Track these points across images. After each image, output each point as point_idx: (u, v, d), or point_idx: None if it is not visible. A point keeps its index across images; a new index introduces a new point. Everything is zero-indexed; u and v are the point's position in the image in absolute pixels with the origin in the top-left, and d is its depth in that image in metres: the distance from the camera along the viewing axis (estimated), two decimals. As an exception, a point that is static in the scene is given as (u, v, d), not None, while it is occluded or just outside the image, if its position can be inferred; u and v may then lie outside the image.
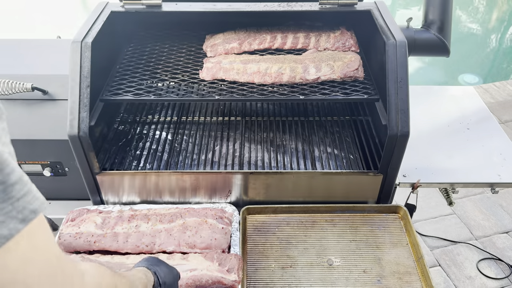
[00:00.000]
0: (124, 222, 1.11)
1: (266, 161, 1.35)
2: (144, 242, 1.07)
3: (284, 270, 1.09)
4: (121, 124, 1.45)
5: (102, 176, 1.20)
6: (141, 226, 1.10)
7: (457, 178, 1.32)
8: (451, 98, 1.71)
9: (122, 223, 1.11)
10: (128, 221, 1.12)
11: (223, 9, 1.27)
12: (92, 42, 1.12)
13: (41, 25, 5.43)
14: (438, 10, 1.44)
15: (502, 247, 2.33)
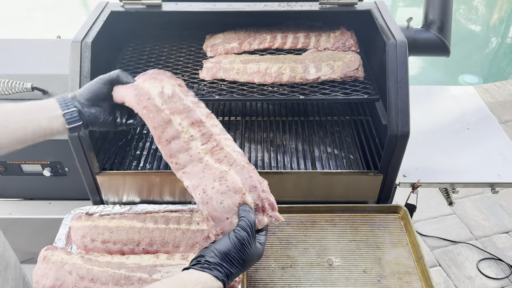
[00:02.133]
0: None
1: (266, 161, 1.35)
2: (179, 159, 0.95)
3: (284, 270, 1.09)
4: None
5: (102, 176, 1.20)
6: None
7: (457, 178, 1.32)
8: (451, 98, 1.71)
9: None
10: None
11: (223, 9, 1.27)
12: (92, 42, 1.12)
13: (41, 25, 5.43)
14: (438, 10, 1.44)
15: (502, 247, 2.33)
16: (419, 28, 1.47)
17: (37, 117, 0.83)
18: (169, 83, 0.92)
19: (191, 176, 0.87)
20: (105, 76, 0.92)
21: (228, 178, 0.84)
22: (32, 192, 1.40)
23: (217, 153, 0.89)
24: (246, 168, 0.86)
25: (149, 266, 1.03)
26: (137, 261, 1.05)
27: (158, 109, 0.88)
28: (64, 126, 0.85)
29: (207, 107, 1.54)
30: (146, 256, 1.07)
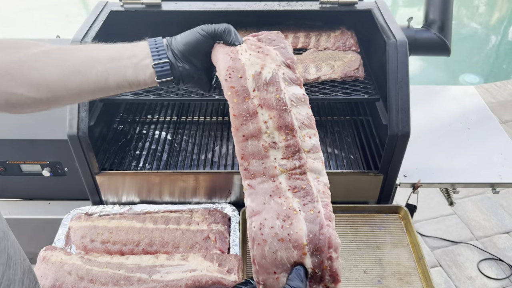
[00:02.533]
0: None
1: (266, 161, 1.34)
2: (250, 165, 0.78)
3: (284, 271, 1.09)
4: (121, 124, 1.45)
5: (102, 176, 1.20)
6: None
7: (458, 178, 1.32)
8: (452, 97, 1.70)
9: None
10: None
11: (222, 9, 1.26)
12: (91, 42, 1.12)
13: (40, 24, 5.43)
14: (439, 10, 1.43)
15: (503, 247, 2.32)
16: (419, 28, 1.47)
17: (123, 66, 0.72)
18: (273, 62, 0.74)
19: (255, 195, 0.70)
20: (209, 28, 0.77)
21: (294, 224, 0.66)
22: (32, 192, 1.40)
23: (295, 178, 0.71)
24: (320, 218, 0.67)
25: (148, 267, 1.03)
26: (136, 262, 1.05)
27: (247, 95, 0.72)
28: (153, 78, 0.74)
29: (207, 107, 1.56)
30: (145, 256, 1.07)
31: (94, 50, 0.73)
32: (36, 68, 0.68)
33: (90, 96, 0.74)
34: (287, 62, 0.75)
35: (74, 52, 0.71)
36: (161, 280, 0.99)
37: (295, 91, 0.74)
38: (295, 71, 0.75)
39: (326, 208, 0.69)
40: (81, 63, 0.70)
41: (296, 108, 0.73)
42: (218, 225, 1.14)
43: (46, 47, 0.71)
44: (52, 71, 0.69)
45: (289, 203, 0.68)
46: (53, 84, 0.69)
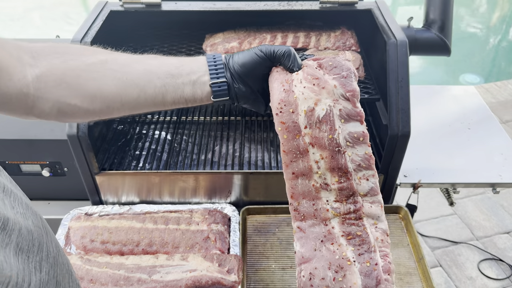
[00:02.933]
0: None
1: (266, 161, 1.35)
2: (301, 207, 0.74)
3: (284, 271, 1.09)
4: (120, 124, 1.45)
5: (101, 176, 1.20)
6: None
7: (458, 178, 1.32)
8: (452, 97, 1.70)
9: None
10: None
11: (222, 8, 1.26)
12: (91, 42, 1.12)
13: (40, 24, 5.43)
14: (439, 10, 1.43)
15: (503, 247, 2.32)
16: (419, 28, 1.46)
17: (181, 83, 0.70)
18: (329, 97, 0.66)
19: (305, 240, 0.65)
20: (267, 49, 0.71)
21: (347, 277, 0.60)
22: (31, 192, 1.40)
23: (350, 224, 0.64)
24: (378, 271, 0.60)
25: (148, 267, 1.03)
26: (136, 262, 1.05)
27: (298, 132, 0.66)
28: (209, 97, 0.71)
29: (207, 107, 1.56)
30: (145, 256, 1.07)
31: (153, 64, 0.70)
32: (93, 79, 0.66)
33: (145, 110, 0.72)
34: (346, 95, 0.66)
35: (132, 65, 0.69)
36: (161, 280, 0.99)
37: (353, 129, 0.66)
38: (355, 104, 0.66)
39: (385, 259, 0.62)
40: (139, 77, 0.68)
41: (352, 148, 0.66)
42: (218, 225, 1.14)
43: (103, 55, 0.69)
44: (109, 82, 0.67)
45: (342, 252, 0.62)
46: (109, 97, 0.67)
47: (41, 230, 0.47)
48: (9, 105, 0.62)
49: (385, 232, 0.65)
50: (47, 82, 0.63)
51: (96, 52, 0.69)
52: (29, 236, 0.43)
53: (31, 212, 0.47)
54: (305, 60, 0.72)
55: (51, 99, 0.64)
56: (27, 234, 0.43)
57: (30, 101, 0.64)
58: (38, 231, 0.46)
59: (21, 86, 0.61)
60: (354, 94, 0.66)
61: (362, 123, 0.66)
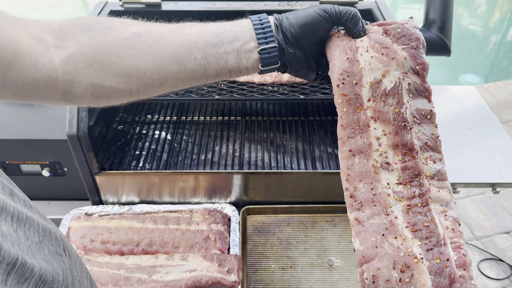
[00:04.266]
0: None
1: (266, 161, 1.35)
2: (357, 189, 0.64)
3: (284, 271, 1.09)
4: (120, 124, 1.45)
5: (101, 176, 1.20)
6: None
7: (458, 178, 1.32)
8: (452, 97, 1.70)
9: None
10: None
11: (222, 8, 1.26)
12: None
13: (41, 24, 5.42)
14: (439, 10, 1.43)
15: (503, 247, 2.32)
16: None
17: (224, 52, 0.62)
18: (398, 69, 0.60)
19: (364, 235, 0.58)
20: (332, 9, 0.63)
21: (415, 277, 0.52)
22: (31, 193, 1.40)
23: (416, 212, 0.57)
24: (450, 267, 0.52)
25: (148, 267, 1.03)
26: (136, 262, 1.05)
27: (360, 105, 0.60)
28: (257, 65, 0.63)
29: (207, 107, 1.56)
30: (145, 256, 1.07)
31: (191, 34, 0.62)
32: (127, 56, 0.59)
33: (185, 86, 0.65)
34: (416, 68, 0.60)
35: (168, 36, 0.61)
36: (161, 280, 0.99)
37: (421, 106, 0.60)
38: (424, 79, 0.61)
39: (459, 252, 0.54)
40: (177, 50, 0.60)
41: (419, 126, 0.60)
42: (218, 225, 1.14)
43: (135, 28, 0.61)
44: (145, 58, 0.59)
45: (407, 247, 0.54)
46: (147, 74, 0.60)
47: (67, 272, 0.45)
48: (38, 92, 0.56)
49: (456, 221, 0.57)
50: (76, 63, 0.57)
51: (127, 25, 0.61)
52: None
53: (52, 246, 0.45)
54: (369, 25, 0.64)
55: (83, 82, 0.58)
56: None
57: (60, 87, 0.57)
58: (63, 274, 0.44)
59: (48, 71, 0.55)
60: (424, 68, 0.61)
61: (430, 100, 0.61)
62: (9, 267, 0.36)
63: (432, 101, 0.61)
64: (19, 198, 0.45)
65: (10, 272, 0.36)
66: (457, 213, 0.58)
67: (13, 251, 0.37)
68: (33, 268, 0.38)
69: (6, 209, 0.40)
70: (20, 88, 0.54)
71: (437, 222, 0.56)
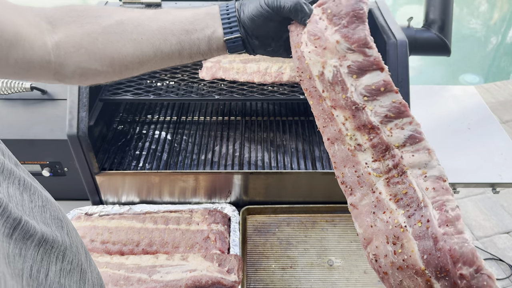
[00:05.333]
0: None
1: (266, 161, 1.35)
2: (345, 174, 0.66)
3: (284, 271, 1.09)
4: (120, 124, 1.45)
5: (101, 176, 1.20)
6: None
7: (458, 178, 1.32)
8: (452, 97, 1.70)
9: None
10: None
11: (223, 9, 1.26)
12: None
13: (41, 25, 5.42)
14: (439, 10, 1.43)
15: (503, 247, 2.32)
16: (419, 28, 1.46)
17: (196, 38, 0.69)
18: (333, 56, 0.60)
19: (360, 218, 0.60)
20: (273, 4, 0.66)
21: (405, 245, 0.53)
22: (32, 192, 1.40)
23: (395, 182, 0.57)
24: (432, 228, 0.52)
25: (148, 267, 1.03)
26: (136, 262, 1.05)
27: (319, 96, 0.63)
28: (225, 50, 0.71)
29: (207, 106, 1.56)
30: (145, 256, 1.07)
31: (167, 20, 0.69)
32: (110, 42, 0.66)
33: (163, 66, 0.73)
34: (353, 47, 0.59)
35: (146, 23, 0.69)
36: (161, 280, 0.99)
37: (369, 81, 0.59)
38: (366, 53, 0.59)
39: (441, 210, 0.53)
40: (154, 35, 0.68)
41: (373, 101, 0.59)
42: (218, 225, 1.14)
43: (119, 15, 0.68)
44: (126, 44, 0.67)
45: (394, 219, 0.55)
46: (127, 58, 0.68)
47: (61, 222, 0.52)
48: (33, 71, 0.64)
49: (440, 178, 0.56)
50: (66, 48, 0.64)
51: (111, 12, 0.69)
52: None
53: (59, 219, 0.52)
54: (312, 7, 0.66)
55: (71, 65, 0.66)
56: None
57: (53, 68, 0.65)
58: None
59: (43, 53, 0.63)
60: (360, 44, 0.58)
61: (382, 70, 0.59)
62: (15, 222, 0.41)
63: (385, 69, 0.59)
64: (23, 169, 0.50)
65: (16, 228, 0.41)
66: (440, 170, 0.57)
67: (16, 212, 0.41)
68: (35, 228, 0.43)
69: (13, 173, 0.46)
70: (20, 67, 0.61)
71: (415, 186, 0.56)
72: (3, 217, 0.40)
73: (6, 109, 1.31)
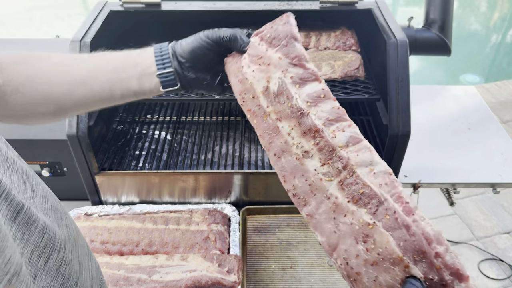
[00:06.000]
0: None
1: (266, 161, 1.34)
2: (296, 184, 0.66)
3: (284, 271, 1.09)
4: (120, 124, 1.45)
5: (101, 176, 1.19)
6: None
7: (459, 178, 1.32)
8: (452, 97, 1.70)
9: None
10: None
11: (222, 8, 1.26)
12: (91, 42, 1.12)
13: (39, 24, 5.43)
14: (439, 9, 1.43)
15: (503, 247, 2.32)
16: (420, 28, 1.46)
17: (127, 76, 0.70)
18: (277, 70, 0.67)
19: (320, 226, 0.60)
20: (214, 35, 0.71)
21: (377, 239, 0.55)
22: (31, 192, 1.39)
23: (349, 184, 0.59)
24: (401, 217, 0.55)
25: (148, 267, 1.03)
26: (136, 262, 1.05)
27: (263, 113, 0.68)
28: (158, 87, 0.72)
29: (207, 106, 1.56)
30: (145, 256, 1.07)
31: (99, 61, 0.72)
32: (44, 84, 0.69)
33: (97, 106, 0.74)
34: (293, 62, 0.66)
35: (79, 63, 0.71)
36: (161, 280, 0.99)
37: (311, 90, 0.65)
38: (305, 66, 0.66)
39: (401, 202, 0.56)
40: (85, 74, 0.70)
41: (316, 107, 0.64)
42: (218, 225, 1.14)
43: (56, 58, 0.72)
44: (58, 84, 0.70)
45: (358, 219, 0.56)
46: (60, 98, 0.70)
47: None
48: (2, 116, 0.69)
49: (387, 173, 0.59)
50: (5, 91, 0.67)
51: (48, 57, 0.71)
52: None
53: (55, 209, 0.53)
54: (250, 38, 0.72)
55: (10, 107, 0.69)
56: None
57: (8, 110, 0.69)
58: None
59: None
60: (300, 58, 0.66)
61: (319, 81, 0.66)
62: (19, 207, 0.43)
63: (322, 81, 0.66)
64: (24, 163, 0.53)
65: (19, 212, 0.42)
66: (385, 166, 0.59)
67: (20, 197, 0.43)
68: (37, 215, 0.45)
69: (17, 164, 0.48)
70: None
71: (370, 184, 0.58)
72: (7, 201, 0.41)
73: (5, 109, 1.31)
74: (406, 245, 0.53)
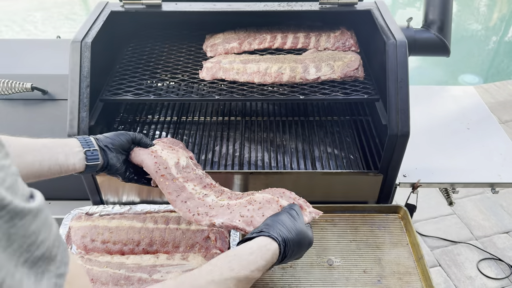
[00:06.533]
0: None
1: (266, 161, 1.35)
2: (199, 210, 0.95)
3: (284, 270, 1.09)
4: (121, 124, 1.45)
5: (102, 176, 1.20)
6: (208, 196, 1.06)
7: (458, 178, 1.32)
8: (452, 98, 1.71)
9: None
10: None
11: (223, 9, 1.27)
12: (92, 42, 1.12)
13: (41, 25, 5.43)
14: (438, 10, 1.44)
15: (502, 247, 2.33)
16: (419, 28, 1.47)
17: (55, 152, 0.84)
18: (183, 155, 1.04)
19: (220, 215, 0.90)
20: (130, 134, 0.99)
21: (257, 198, 0.91)
22: (32, 192, 1.40)
23: (236, 198, 0.95)
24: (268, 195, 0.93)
25: (149, 266, 1.03)
26: (137, 261, 1.05)
27: (174, 178, 0.98)
28: (82, 162, 0.87)
29: (207, 107, 1.57)
30: (146, 256, 1.07)
31: (32, 141, 0.83)
32: None
33: (30, 179, 0.82)
34: (190, 155, 1.08)
35: (15, 141, 0.82)
36: (162, 279, 0.99)
37: (202, 171, 1.06)
38: (193, 158, 1.09)
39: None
40: (20, 148, 0.80)
41: (207, 178, 1.04)
42: (218, 225, 1.15)
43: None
44: None
45: (243, 200, 0.95)
46: None
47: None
48: None
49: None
50: None
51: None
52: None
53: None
54: (154, 141, 1.07)
55: None
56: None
57: None
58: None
59: None
60: (192, 156, 1.09)
61: (200, 169, 1.06)
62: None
63: (200, 168, 1.08)
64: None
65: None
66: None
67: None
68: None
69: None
70: None
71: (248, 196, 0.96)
72: None
73: (6, 109, 1.31)
74: (274, 192, 0.95)
